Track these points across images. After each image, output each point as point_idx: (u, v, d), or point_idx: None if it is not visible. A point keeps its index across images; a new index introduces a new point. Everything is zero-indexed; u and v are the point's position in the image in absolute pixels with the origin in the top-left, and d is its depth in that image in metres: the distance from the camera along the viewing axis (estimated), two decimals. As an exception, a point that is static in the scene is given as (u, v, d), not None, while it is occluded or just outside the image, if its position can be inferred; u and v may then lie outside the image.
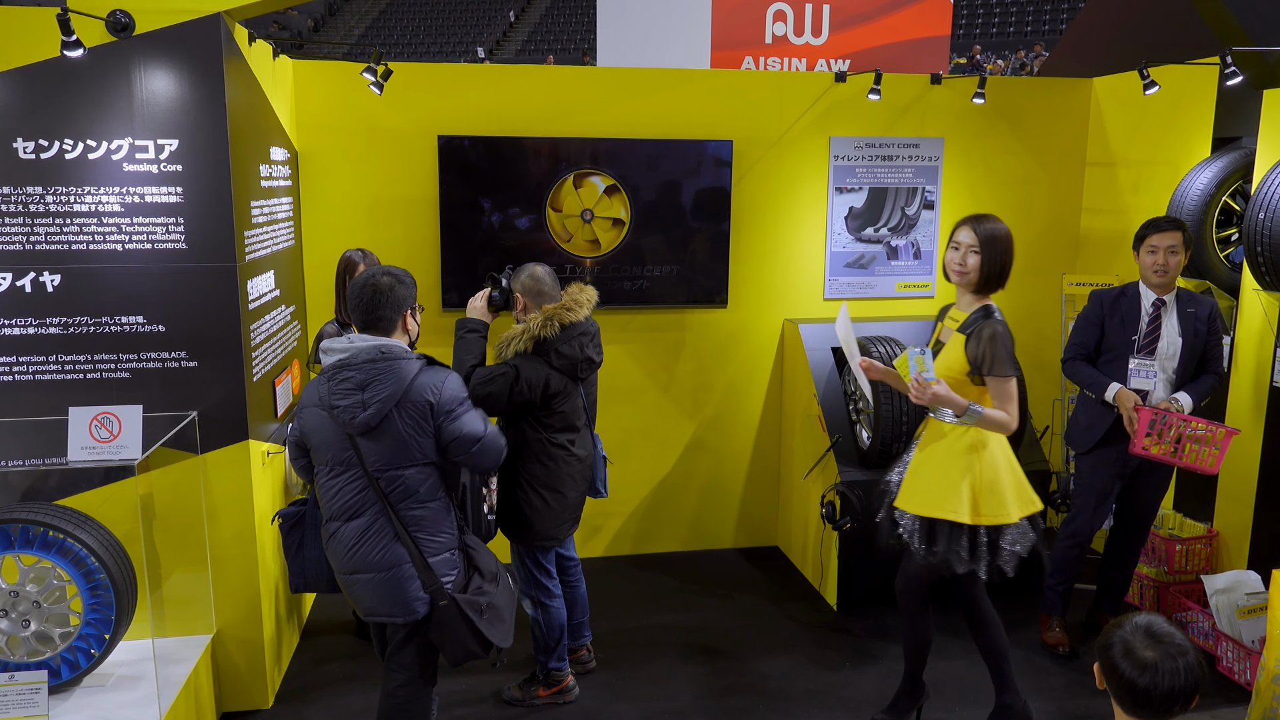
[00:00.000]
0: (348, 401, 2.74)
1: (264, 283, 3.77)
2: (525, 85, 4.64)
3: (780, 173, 4.95)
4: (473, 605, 2.85)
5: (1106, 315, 3.94)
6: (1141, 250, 3.85)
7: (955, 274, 3.22)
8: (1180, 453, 3.74)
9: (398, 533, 2.80)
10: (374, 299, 2.82)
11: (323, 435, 2.81)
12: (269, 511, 3.70)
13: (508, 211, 4.61)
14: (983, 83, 4.80)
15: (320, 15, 33.16)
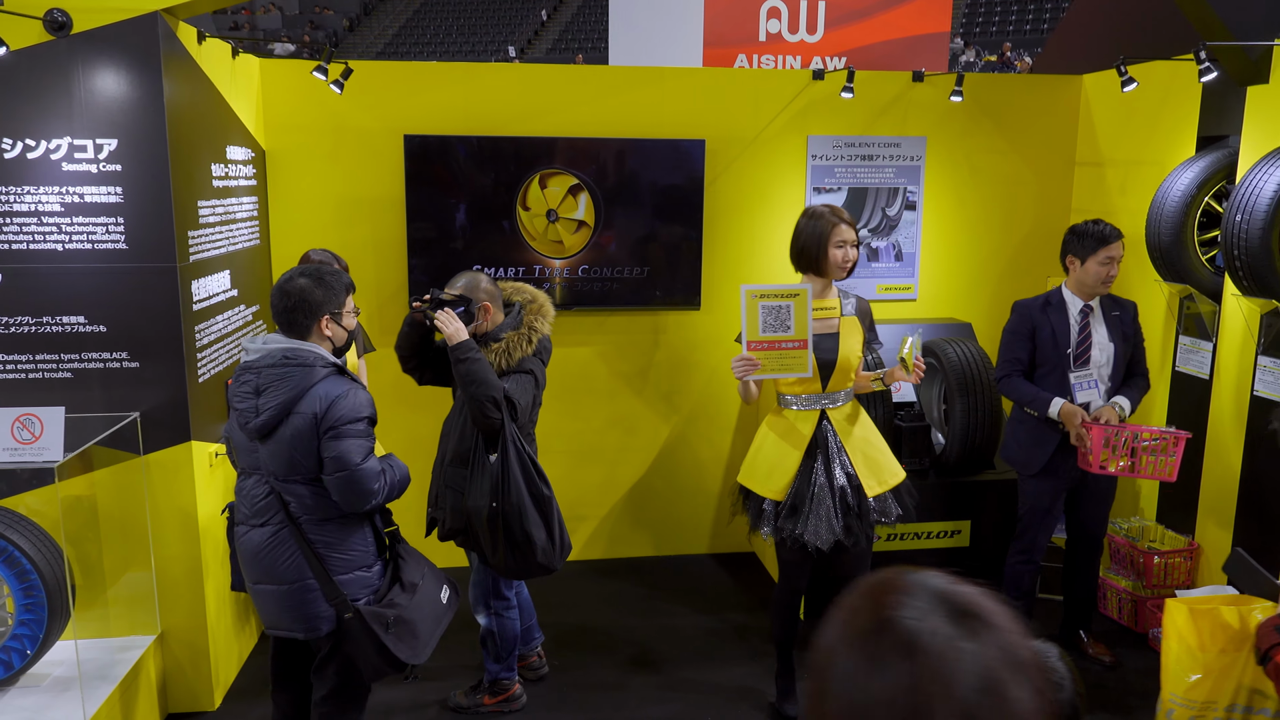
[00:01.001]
0: (244, 405, 2.71)
1: (215, 283, 3.76)
2: (495, 84, 4.60)
3: (756, 172, 4.85)
4: (378, 618, 2.75)
5: (1036, 327, 3.79)
6: (1092, 261, 3.67)
7: (843, 269, 3.37)
8: (1137, 466, 3.63)
9: (300, 547, 2.72)
10: (284, 302, 2.74)
11: (237, 436, 2.80)
12: (212, 512, 3.69)
13: (476, 211, 4.57)
14: (960, 80, 4.66)
15: (355, 15, 33.48)
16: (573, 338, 4.83)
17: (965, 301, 5.12)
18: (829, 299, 3.42)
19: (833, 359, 3.34)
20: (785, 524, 3.34)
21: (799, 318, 3.19)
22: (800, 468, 3.35)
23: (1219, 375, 4.11)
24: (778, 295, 3.21)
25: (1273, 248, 3.55)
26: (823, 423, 3.38)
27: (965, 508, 4.43)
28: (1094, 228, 3.68)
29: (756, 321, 3.21)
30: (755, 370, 3.25)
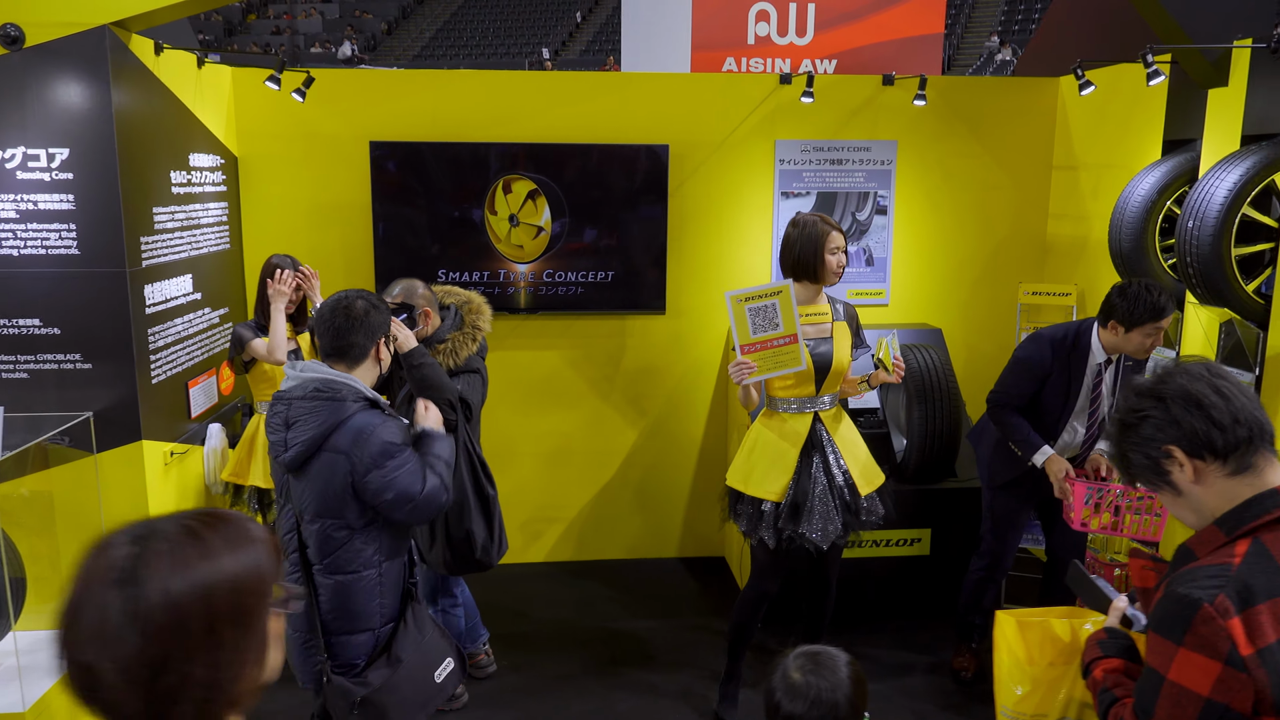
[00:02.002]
0: (275, 437, 2.57)
1: (174, 286, 3.86)
2: (461, 90, 4.66)
3: (723, 177, 4.86)
4: (343, 694, 2.51)
5: (1053, 373, 3.55)
6: (1138, 332, 3.37)
7: (837, 275, 3.37)
8: (1120, 525, 3.43)
9: (307, 593, 2.55)
10: (347, 324, 2.56)
11: (272, 462, 2.67)
12: (168, 511, 3.78)
13: (442, 216, 4.63)
14: (923, 84, 4.62)
15: (394, 18, 33.93)
16: (540, 341, 4.87)
17: (939, 307, 5.07)
18: (820, 305, 3.42)
19: (827, 363, 3.35)
20: (787, 524, 3.34)
21: (785, 314, 3.21)
22: (798, 468, 3.36)
23: (1181, 384, 4.03)
24: (762, 295, 3.21)
25: (1223, 255, 3.48)
26: (816, 424, 3.40)
27: (926, 516, 4.40)
28: (1148, 297, 3.33)
29: (745, 325, 3.22)
30: (752, 372, 3.26)
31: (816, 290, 3.39)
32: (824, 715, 1.72)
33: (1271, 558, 1.49)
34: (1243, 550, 1.51)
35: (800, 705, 1.77)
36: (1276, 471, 1.57)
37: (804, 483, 3.31)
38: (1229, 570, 1.49)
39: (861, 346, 3.49)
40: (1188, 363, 1.66)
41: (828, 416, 3.39)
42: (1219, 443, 1.56)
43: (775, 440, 3.36)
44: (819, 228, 3.30)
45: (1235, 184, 3.44)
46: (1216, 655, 1.44)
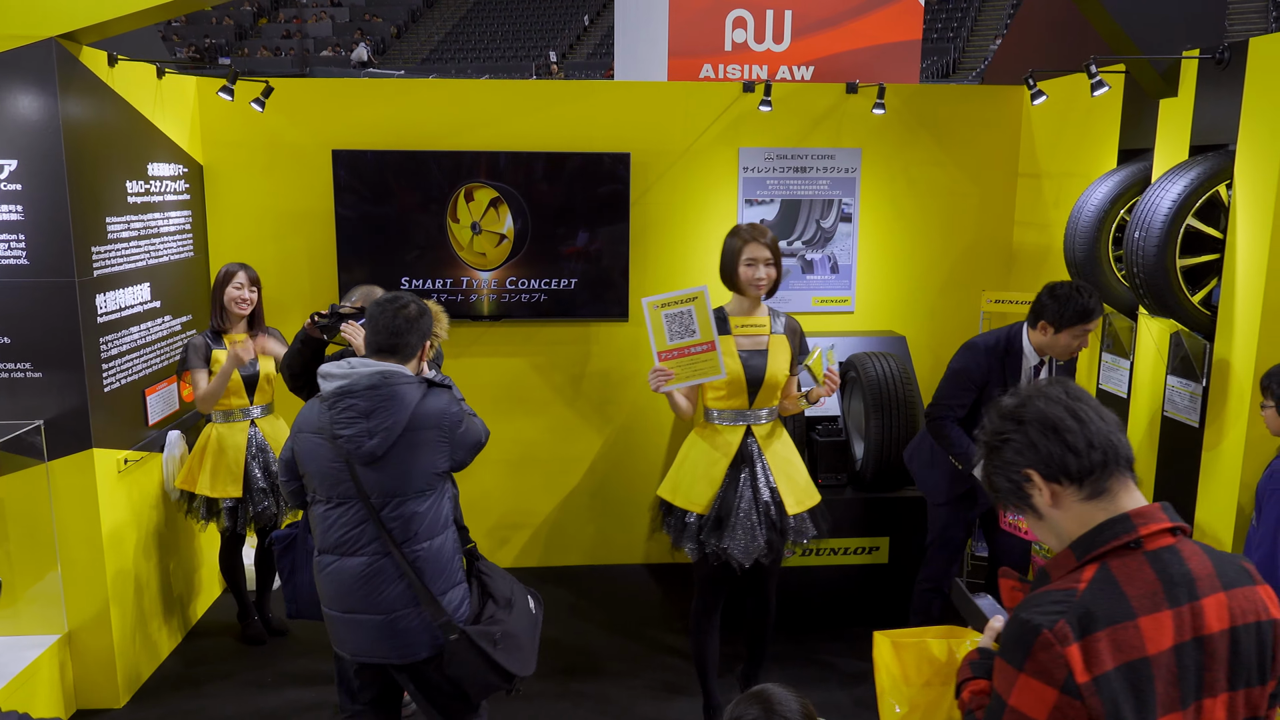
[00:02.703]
0: (352, 430, 2.60)
1: (129, 295, 3.90)
2: (423, 99, 4.69)
3: (687, 185, 4.87)
4: (486, 636, 2.67)
5: (989, 382, 3.54)
6: (1067, 333, 3.38)
7: (758, 288, 3.31)
8: None
9: (403, 572, 2.63)
10: (405, 325, 2.71)
11: (319, 464, 2.66)
12: (122, 518, 3.83)
13: (405, 223, 4.66)
14: (881, 92, 4.62)
15: (403, 22, 34.08)
16: (504, 348, 4.89)
17: (904, 314, 5.06)
18: (758, 316, 3.38)
19: (760, 375, 3.32)
20: (709, 538, 3.34)
21: (701, 320, 3.20)
22: (725, 481, 3.34)
23: (1136, 395, 4.01)
24: (677, 302, 3.22)
25: (1168, 266, 3.46)
26: (748, 438, 3.37)
27: (884, 524, 4.39)
28: (1078, 299, 3.36)
29: (662, 331, 3.22)
30: (669, 379, 3.26)
31: (754, 301, 3.36)
32: None
33: (1116, 584, 1.48)
34: (1089, 576, 1.50)
35: None
36: (1131, 496, 1.56)
37: (729, 497, 3.30)
38: (1073, 596, 1.48)
39: (804, 362, 3.49)
40: (1048, 385, 1.65)
41: (762, 431, 3.37)
42: (1073, 467, 1.55)
43: (706, 452, 3.36)
44: (738, 239, 3.30)
45: (1179, 195, 3.42)
46: (1053, 682, 1.43)
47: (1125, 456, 1.57)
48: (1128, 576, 1.48)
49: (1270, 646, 1.51)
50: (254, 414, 4.15)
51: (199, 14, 33.78)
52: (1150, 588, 1.47)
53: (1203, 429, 3.59)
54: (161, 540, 4.19)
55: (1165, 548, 1.50)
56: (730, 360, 3.26)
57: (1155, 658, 1.43)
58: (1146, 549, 1.50)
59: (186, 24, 33.17)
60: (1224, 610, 1.48)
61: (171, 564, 4.30)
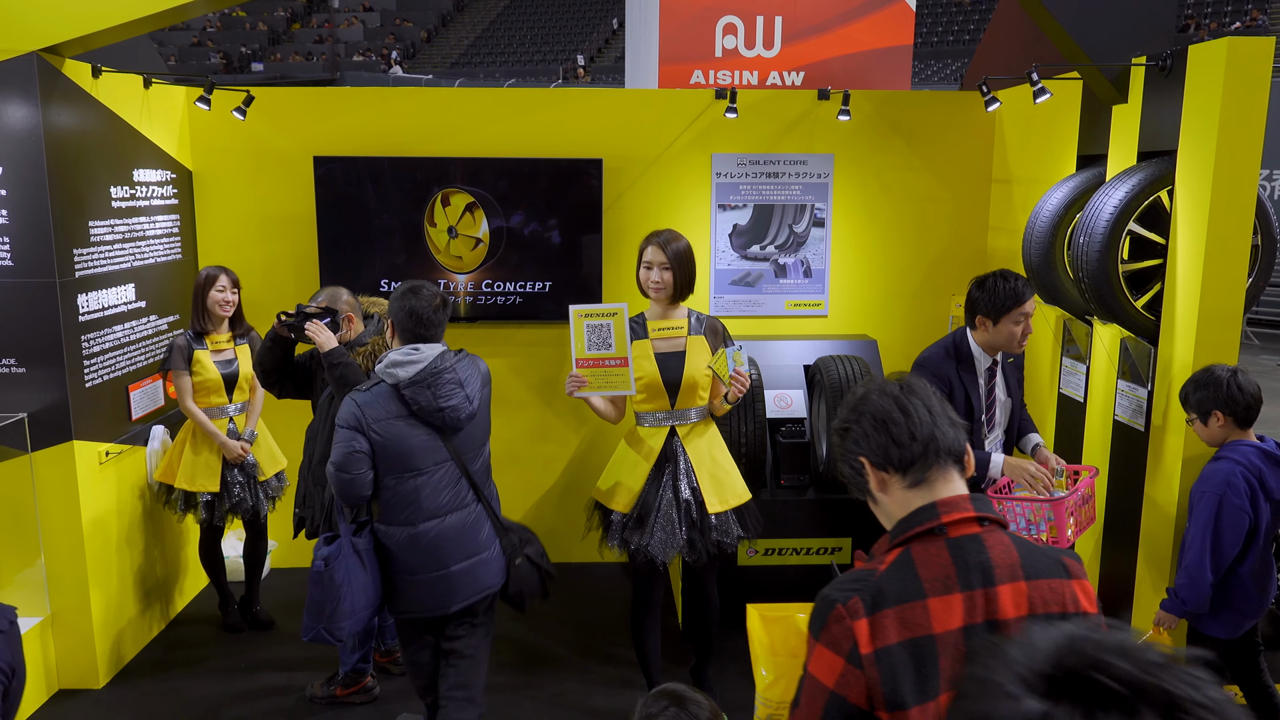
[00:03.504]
0: (455, 400, 3.00)
1: (113, 295, 4.08)
2: (403, 107, 4.83)
3: (660, 190, 4.97)
4: (537, 554, 3.26)
5: (953, 393, 3.44)
6: (1006, 321, 3.32)
7: (654, 290, 3.43)
8: (1078, 522, 3.28)
9: (487, 514, 3.15)
10: (443, 312, 3.10)
11: (408, 443, 2.96)
12: (104, 507, 4.01)
13: (384, 228, 4.81)
14: (846, 99, 4.69)
15: (434, 27, 34.51)
16: (482, 349, 5.01)
17: (878, 318, 5.13)
18: (675, 319, 3.51)
19: (678, 377, 3.43)
20: (631, 536, 3.46)
21: (619, 336, 3.32)
22: (647, 481, 3.46)
23: (1090, 399, 4.05)
24: (599, 314, 3.34)
25: (1110, 271, 3.51)
26: (672, 439, 3.49)
27: (845, 524, 4.45)
28: (1004, 285, 3.31)
29: (583, 340, 3.35)
30: (583, 387, 3.39)
31: (667, 304, 3.47)
32: None
33: (913, 566, 1.57)
34: (891, 558, 1.60)
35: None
36: (950, 485, 1.65)
37: (650, 496, 3.41)
38: (873, 575, 1.58)
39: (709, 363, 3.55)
40: (889, 381, 1.74)
41: (688, 431, 3.46)
42: (896, 457, 1.65)
43: (631, 453, 3.48)
44: (642, 245, 3.41)
45: (1121, 200, 3.47)
46: (840, 652, 1.54)
47: (947, 449, 1.65)
48: (925, 560, 1.57)
49: None
50: (231, 411, 4.31)
51: (233, 20, 34.46)
52: (944, 571, 1.56)
53: (1148, 433, 3.63)
54: (145, 530, 4.37)
55: (968, 536, 1.59)
56: (647, 363, 3.37)
57: (941, 636, 1.52)
58: (949, 536, 1.59)
59: (221, 30, 33.84)
60: (1022, 599, 1.56)
61: (156, 553, 4.47)
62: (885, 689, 1.52)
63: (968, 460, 1.71)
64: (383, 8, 35.57)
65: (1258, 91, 3.20)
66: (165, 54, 31.63)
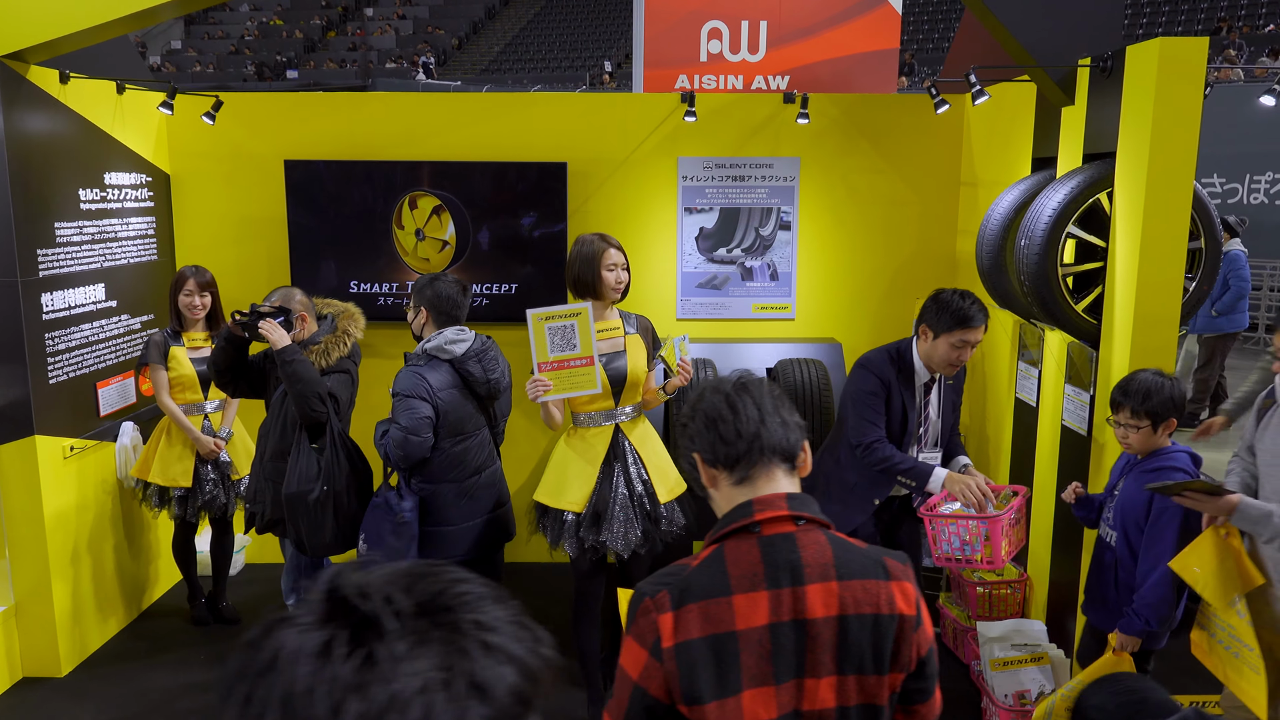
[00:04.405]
0: (498, 373, 3.60)
1: (80, 295, 4.20)
2: (371, 112, 4.92)
3: (627, 193, 5.00)
4: None
5: (890, 398, 3.39)
6: (945, 340, 3.25)
7: (619, 290, 3.51)
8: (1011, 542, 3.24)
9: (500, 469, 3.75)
10: (468, 300, 3.67)
11: (462, 411, 3.51)
12: (68, 501, 4.12)
13: (352, 230, 4.89)
14: (805, 102, 4.69)
15: (465, 34, 34.85)
16: (451, 350, 5.08)
17: (846, 321, 5.11)
18: (611, 320, 3.57)
19: (622, 375, 3.50)
20: (588, 534, 3.49)
21: (583, 336, 3.36)
22: (600, 478, 3.50)
23: (1042, 403, 4.02)
24: (561, 316, 3.38)
25: (1049, 274, 3.49)
26: (618, 435, 3.53)
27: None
28: (959, 303, 3.24)
29: (544, 343, 3.38)
30: (548, 390, 3.42)
31: (605, 306, 3.53)
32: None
33: (723, 563, 1.58)
34: (705, 554, 1.62)
35: None
36: (772, 484, 1.66)
37: (604, 492, 3.43)
38: (685, 570, 1.60)
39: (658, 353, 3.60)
40: (726, 379, 1.76)
41: (628, 427, 3.52)
42: (722, 455, 1.67)
43: (579, 454, 3.50)
44: (595, 246, 3.45)
45: (1060, 203, 3.45)
46: (645, 645, 1.56)
47: (773, 447, 1.66)
48: (736, 557, 1.58)
49: (890, 640, 1.58)
50: (208, 409, 4.41)
51: (271, 29, 35.07)
52: (753, 569, 1.57)
53: (1090, 437, 3.59)
54: (114, 524, 4.48)
55: (781, 534, 1.60)
56: None
57: (744, 633, 1.53)
58: (763, 534, 1.60)
59: (259, 38, 34.46)
60: (832, 598, 1.56)
61: (125, 547, 4.58)
62: (683, 683, 1.54)
63: (803, 459, 1.72)
64: (415, 15, 35.99)
65: (1192, 92, 3.16)
66: (204, 61, 32.30)
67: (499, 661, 0.72)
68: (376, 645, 0.69)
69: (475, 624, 0.72)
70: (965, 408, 4.95)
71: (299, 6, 36.47)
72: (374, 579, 0.74)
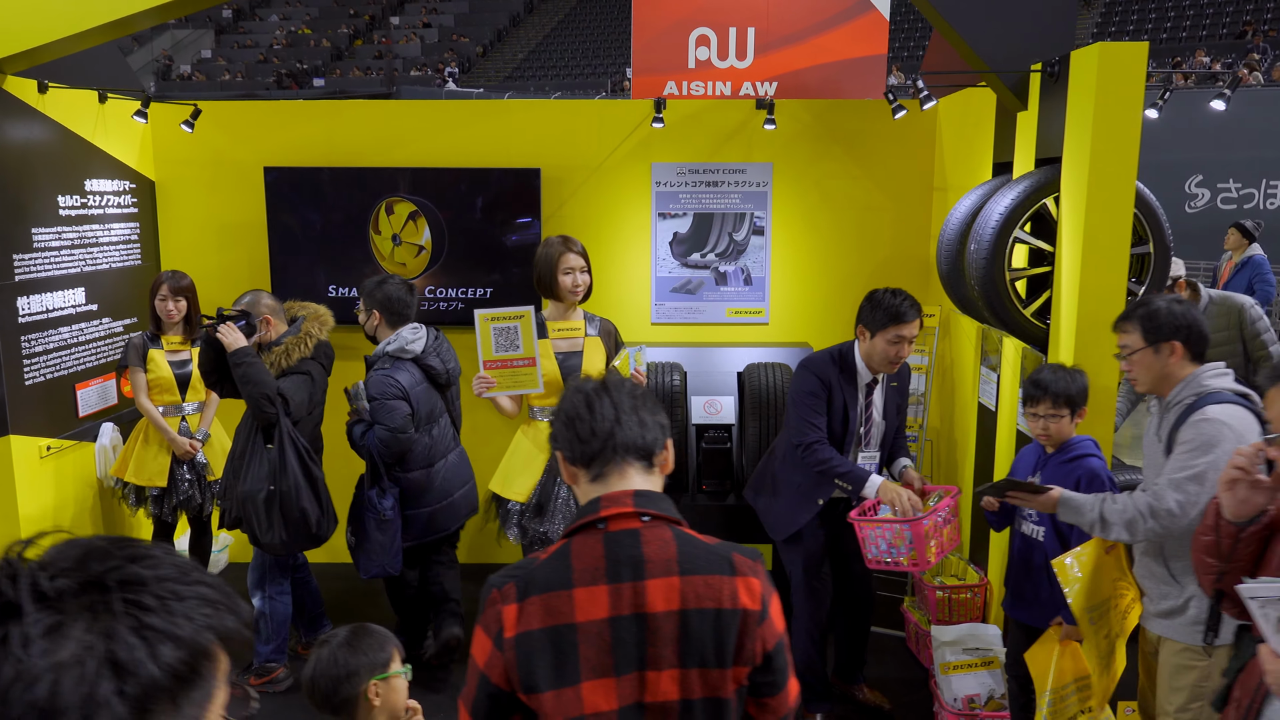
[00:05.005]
0: (454, 363, 3.99)
1: (58, 299, 4.32)
2: (348, 119, 5.01)
3: (601, 199, 5.05)
4: None
5: (831, 398, 3.42)
6: (880, 337, 3.30)
7: (574, 293, 3.60)
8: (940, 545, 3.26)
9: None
10: (415, 299, 3.94)
11: (430, 403, 3.87)
12: (45, 500, 4.23)
13: (331, 235, 4.98)
14: (771, 108, 4.72)
15: (489, 42, 35.13)
16: (427, 354, 5.15)
17: (819, 325, 5.12)
18: (573, 320, 3.67)
19: (577, 375, 3.58)
20: (530, 524, 3.57)
21: (525, 337, 3.49)
22: (545, 470, 3.58)
23: (1000, 407, 4.01)
24: (506, 317, 3.50)
25: (997, 278, 3.49)
26: None
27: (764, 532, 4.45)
28: (890, 300, 3.31)
29: (489, 342, 3.51)
30: (491, 388, 3.53)
31: (567, 306, 3.57)
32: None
33: (568, 557, 1.62)
34: (555, 548, 1.66)
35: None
36: (625, 481, 1.69)
37: (549, 484, 3.50)
38: (533, 564, 1.64)
39: (612, 363, 3.65)
40: (590, 380, 1.80)
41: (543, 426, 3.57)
42: (579, 453, 1.71)
43: (529, 446, 3.57)
44: (555, 249, 3.51)
45: (1008, 207, 3.45)
46: (490, 634, 1.61)
47: (628, 445, 1.70)
48: (581, 552, 1.62)
49: (734, 634, 1.61)
50: (186, 410, 4.51)
51: (299, 38, 35.58)
52: (596, 564, 1.61)
53: (1041, 442, 3.58)
54: (92, 523, 4.59)
55: (626, 530, 1.63)
56: (548, 362, 3.49)
57: (583, 625, 1.57)
58: (609, 530, 1.64)
59: (287, 47, 34.97)
60: (674, 593, 1.59)
61: (105, 545, 4.69)
62: (520, 672, 1.58)
63: (663, 458, 1.75)
64: (441, 24, 36.35)
65: (1132, 96, 3.16)
66: (233, 70, 32.84)
67: (154, 640, 0.76)
68: (12, 626, 0.74)
69: (133, 604, 0.77)
70: (935, 412, 4.95)
71: (327, 15, 36.97)
72: (45, 559, 0.79)
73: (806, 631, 3.64)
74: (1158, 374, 2.56)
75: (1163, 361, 2.54)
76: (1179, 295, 2.79)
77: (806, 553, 3.57)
